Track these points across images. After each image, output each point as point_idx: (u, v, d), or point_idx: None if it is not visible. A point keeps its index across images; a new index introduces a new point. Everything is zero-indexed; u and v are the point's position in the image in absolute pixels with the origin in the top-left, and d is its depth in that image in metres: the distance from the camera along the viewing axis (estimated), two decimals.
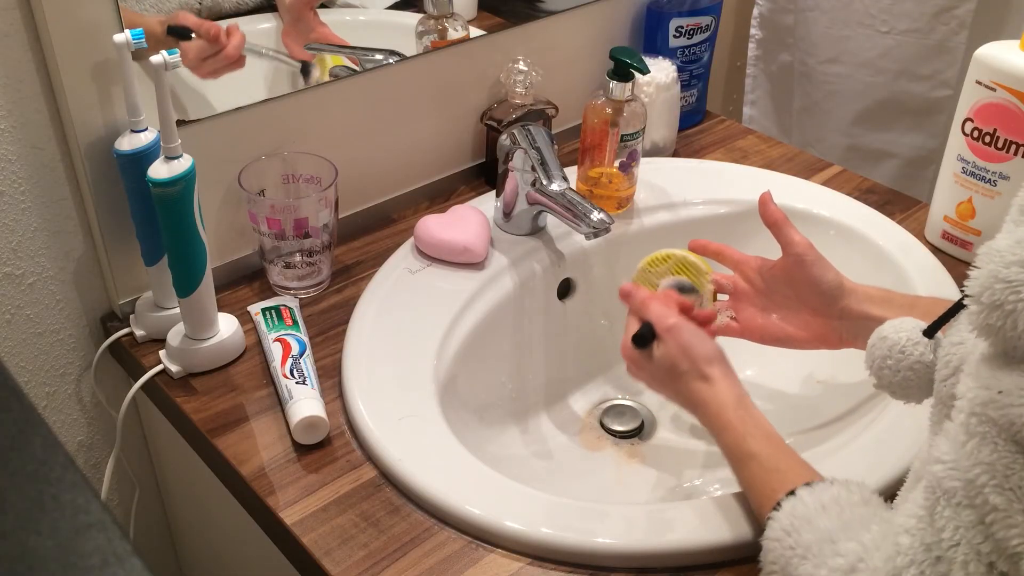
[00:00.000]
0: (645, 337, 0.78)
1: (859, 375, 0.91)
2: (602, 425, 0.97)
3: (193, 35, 0.87)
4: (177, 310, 0.86)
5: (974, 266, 0.49)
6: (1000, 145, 0.95)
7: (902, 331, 0.66)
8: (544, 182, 0.93)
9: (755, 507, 0.68)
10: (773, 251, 0.88)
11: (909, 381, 0.66)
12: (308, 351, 0.85)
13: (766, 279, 0.87)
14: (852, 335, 0.81)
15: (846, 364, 0.91)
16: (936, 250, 1.03)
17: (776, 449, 0.69)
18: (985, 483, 0.47)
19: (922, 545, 0.51)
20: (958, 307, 0.61)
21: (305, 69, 0.98)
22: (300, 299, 0.94)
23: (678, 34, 1.19)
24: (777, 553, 0.62)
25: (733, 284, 0.89)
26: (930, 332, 0.65)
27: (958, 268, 0.98)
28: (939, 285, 0.94)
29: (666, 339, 0.77)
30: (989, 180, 0.97)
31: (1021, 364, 0.47)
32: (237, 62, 0.91)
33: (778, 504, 0.64)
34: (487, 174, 1.13)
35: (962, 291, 0.50)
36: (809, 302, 0.83)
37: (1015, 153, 0.94)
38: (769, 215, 0.85)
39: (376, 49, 1.01)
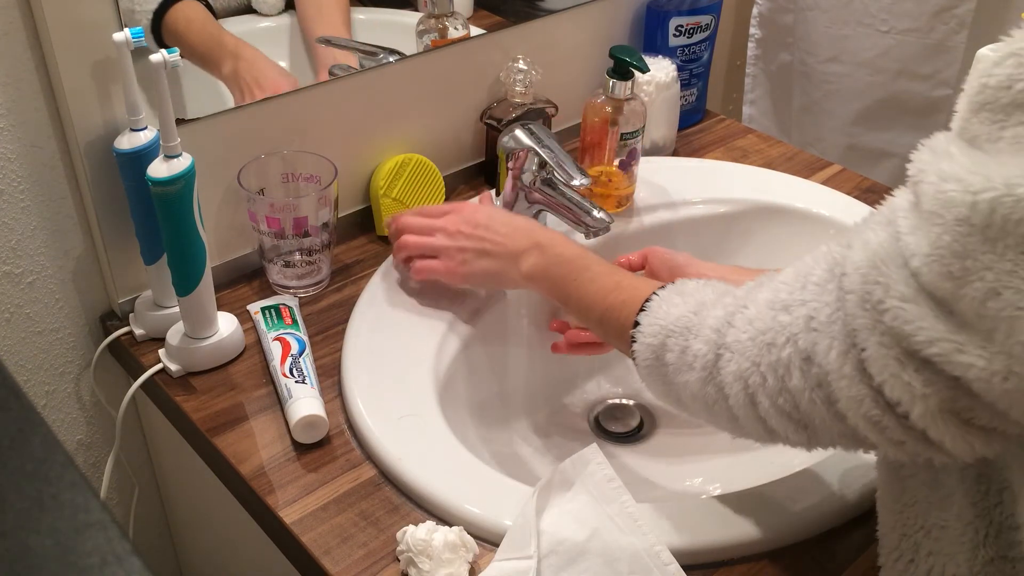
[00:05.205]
0: None
1: None
2: (601, 425, 0.97)
3: None
4: (176, 309, 0.86)
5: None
6: None
7: None
8: (565, 179, 0.92)
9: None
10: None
11: None
12: (307, 350, 0.85)
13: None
14: None
15: None
16: None
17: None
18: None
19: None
20: None
21: None
22: (300, 298, 0.94)
23: (678, 33, 1.19)
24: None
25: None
26: None
27: None
28: None
29: None
30: None
31: None
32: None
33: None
34: (487, 173, 1.13)
35: None
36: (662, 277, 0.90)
37: None
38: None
39: (380, 47, 1.01)
